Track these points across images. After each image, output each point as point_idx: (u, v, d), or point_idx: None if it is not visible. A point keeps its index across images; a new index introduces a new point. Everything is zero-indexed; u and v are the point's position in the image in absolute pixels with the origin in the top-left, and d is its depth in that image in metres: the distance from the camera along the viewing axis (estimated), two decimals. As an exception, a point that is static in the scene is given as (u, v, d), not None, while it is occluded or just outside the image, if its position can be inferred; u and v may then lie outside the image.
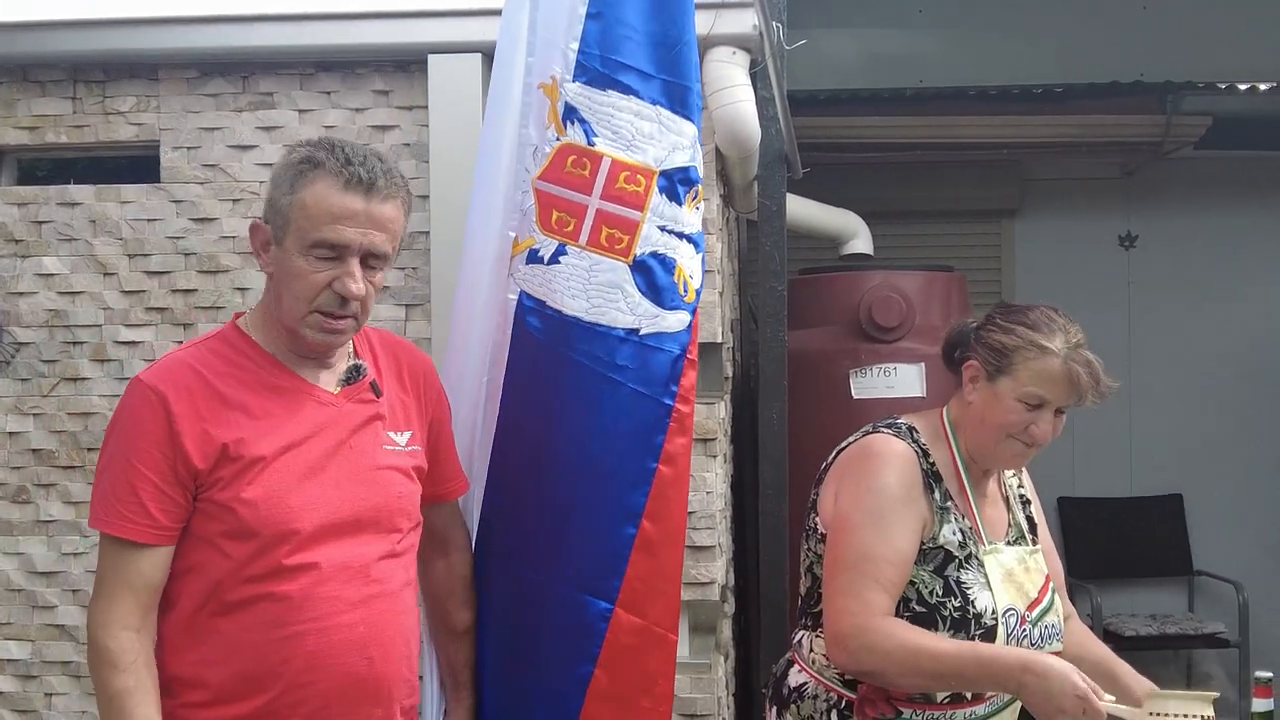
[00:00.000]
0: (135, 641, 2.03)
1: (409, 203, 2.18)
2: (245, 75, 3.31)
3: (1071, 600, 2.73)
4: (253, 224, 2.17)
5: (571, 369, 2.48)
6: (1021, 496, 2.60)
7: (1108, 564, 5.97)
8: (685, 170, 2.55)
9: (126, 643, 2.02)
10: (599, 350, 2.47)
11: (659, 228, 2.50)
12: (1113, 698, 2.26)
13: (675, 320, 2.52)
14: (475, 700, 2.54)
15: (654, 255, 2.50)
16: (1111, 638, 5.32)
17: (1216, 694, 2.30)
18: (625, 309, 2.48)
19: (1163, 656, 5.78)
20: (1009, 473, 2.59)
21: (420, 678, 2.37)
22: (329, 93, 3.30)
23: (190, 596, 2.08)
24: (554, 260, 2.48)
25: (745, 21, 3.13)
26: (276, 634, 2.06)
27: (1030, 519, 2.58)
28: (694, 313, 2.57)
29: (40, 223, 3.35)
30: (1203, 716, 2.26)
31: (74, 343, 3.32)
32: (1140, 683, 2.45)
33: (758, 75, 3.30)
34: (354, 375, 2.20)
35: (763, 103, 3.33)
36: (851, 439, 2.52)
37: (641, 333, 2.48)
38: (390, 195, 2.10)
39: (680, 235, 2.54)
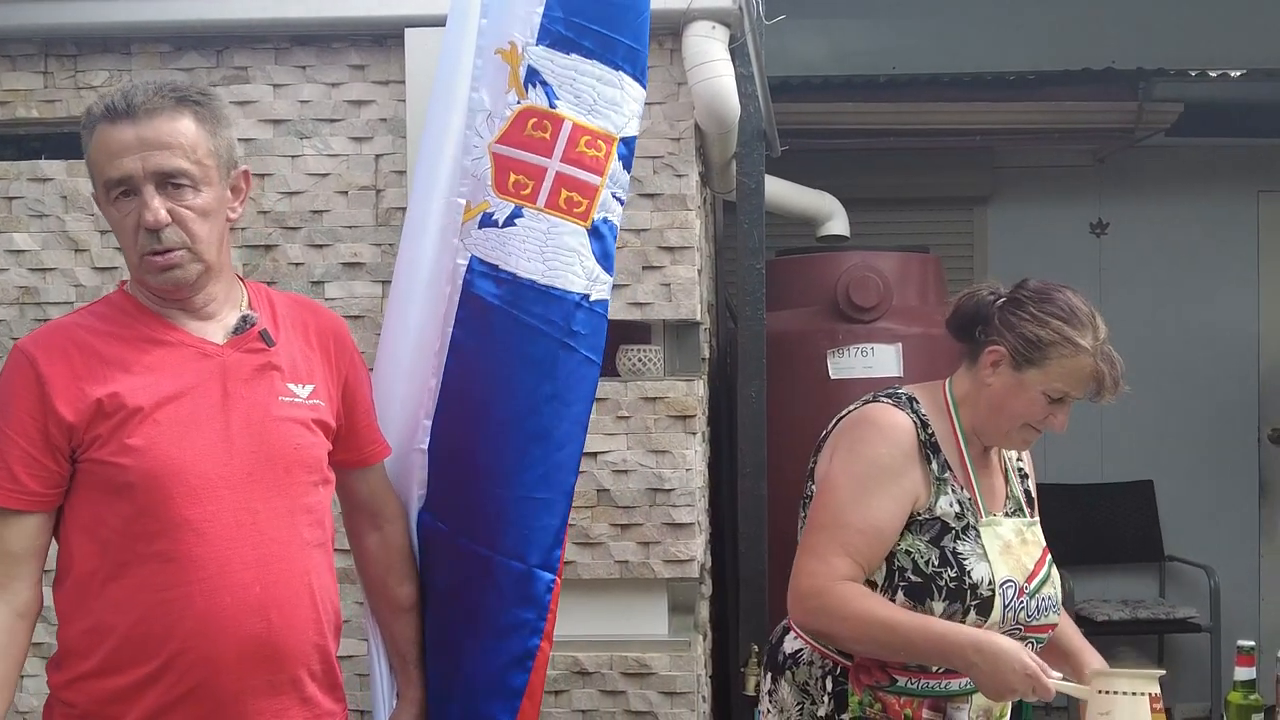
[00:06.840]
0: None
1: (207, 111, 2.04)
2: (219, 49, 3.28)
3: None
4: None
5: (525, 332, 2.42)
6: (1020, 470, 2.59)
7: (1079, 550, 5.97)
8: (636, 139, 2.54)
9: None
10: (554, 315, 2.42)
11: (612, 194, 2.48)
12: (1060, 675, 2.26)
13: (610, 287, 2.51)
14: (425, 678, 2.46)
15: (605, 221, 2.47)
16: (1084, 623, 5.33)
17: (1162, 671, 2.28)
18: (580, 273, 2.44)
19: (1135, 641, 5.81)
20: None
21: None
22: (304, 67, 3.28)
23: (80, 563, 2.02)
24: (509, 223, 2.42)
25: (725, -4, 3.13)
26: (163, 595, 1.98)
27: (1028, 492, 2.58)
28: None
29: (10, 198, 3.31)
30: (1149, 694, 2.24)
31: (45, 320, 3.26)
32: (1093, 660, 2.46)
33: (736, 52, 3.29)
34: (242, 325, 2.11)
35: (741, 79, 3.32)
36: (852, 407, 2.49)
37: (592, 298, 2.46)
38: (154, 110, 1.99)
39: (622, 202, 2.52)
